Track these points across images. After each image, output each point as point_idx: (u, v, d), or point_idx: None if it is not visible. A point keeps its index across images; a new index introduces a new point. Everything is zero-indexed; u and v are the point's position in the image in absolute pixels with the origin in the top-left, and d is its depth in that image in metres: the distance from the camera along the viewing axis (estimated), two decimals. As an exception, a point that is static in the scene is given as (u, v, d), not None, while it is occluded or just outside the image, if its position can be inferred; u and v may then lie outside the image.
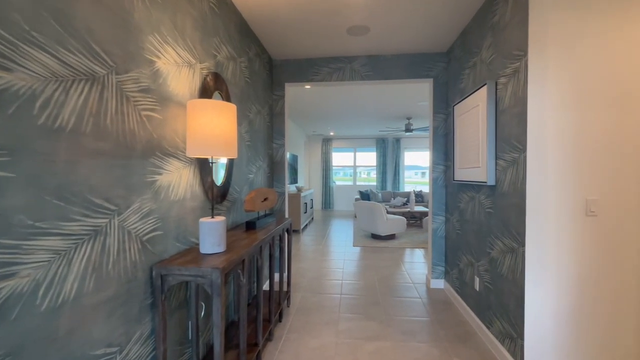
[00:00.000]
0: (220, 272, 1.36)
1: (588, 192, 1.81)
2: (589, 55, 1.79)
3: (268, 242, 2.16)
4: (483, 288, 2.34)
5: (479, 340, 2.29)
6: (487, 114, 2.17)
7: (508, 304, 1.98)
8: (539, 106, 1.77)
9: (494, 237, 2.16)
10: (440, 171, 3.33)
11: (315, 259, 4.47)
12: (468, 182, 2.54)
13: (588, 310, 1.82)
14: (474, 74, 2.52)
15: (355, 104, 6.04)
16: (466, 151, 2.56)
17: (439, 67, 3.31)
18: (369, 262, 4.35)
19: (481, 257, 2.38)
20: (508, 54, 1.98)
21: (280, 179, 3.56)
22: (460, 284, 2.82)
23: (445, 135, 3.30)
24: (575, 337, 1.84)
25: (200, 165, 1.85)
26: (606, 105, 1.78)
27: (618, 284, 1.81)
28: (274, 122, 3.56)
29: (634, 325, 1.80)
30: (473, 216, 2.53)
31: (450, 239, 3.14)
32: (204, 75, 1.92)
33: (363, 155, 10.92)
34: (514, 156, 1.92)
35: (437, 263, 3.35)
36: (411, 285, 3.45)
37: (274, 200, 2.69)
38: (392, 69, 3.36)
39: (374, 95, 5.40)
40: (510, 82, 1.96)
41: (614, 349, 1.81)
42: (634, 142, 1.77)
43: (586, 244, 1.82)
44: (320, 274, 3.80)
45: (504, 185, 2.04)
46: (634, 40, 1.76)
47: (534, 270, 1.79)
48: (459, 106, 2.75)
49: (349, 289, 3.30)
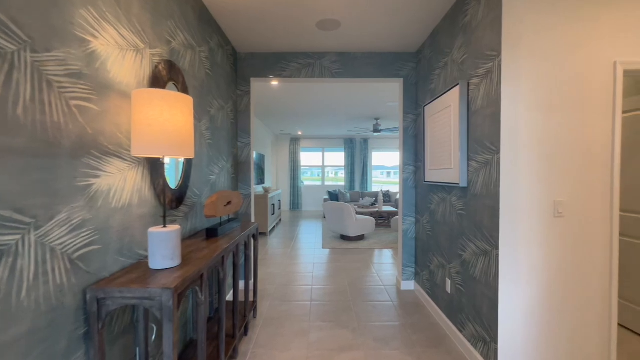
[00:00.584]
0: (172, 292, 1.16)
1: (556, 193, 1.82)
2: (558, 58, 1.81)
3: (232, 250, 1.95)
4: (455, 290, 2.32)
5: (452, 344, 2.26)
6: (459, 114, 2.14)
7: (481, 307, 1.95)
8: (512, 107, 1.75)
9: (466, 239, 2.14)
10: (410, 172, 3.31)
11: (283, 264, 4.29)
12: (439, 184, 2.51)
13: (557, 309, 1.84)
14: (445, 74, 2.50)
15: (324, 103, 5.93)
16: (438, 152, 2.54)
17: (409, 67, 3.28)
18: (339, 264, 4.26)
19: (453, 259, 2.36)
20: (480, 54, 1.95)
21: (246, 180, 3.34)
22: (431, 286, 2.81)
23: (415, 136, 3.29)
24: (545, 337, 1.85)
25: (150, 166, 1.61)
26: (572, 108, 1.81)
27: (583, 282, 1.84)
28: (238, 120, 3.32)
29: (597, 321, 1.84)
30: (444, 218, 2.51)
31: (420, 240, 3.13)
32: (155, 63, 1.67)
33: (331, 155, 10.88)
34: (487, 158, 1.89)
35: (408, 264, 3.33)
36: (382, 287, 3.39)
37: (239, 203, 2.48)
38: (362, 68, 3.28)
39: (343, 95, 5.33)
40: (483, 82, 1.93)
41: (580, 345, 1.85)
42: (598, 145, 1.82)
43: (555, 244, 1.83)
44: (290, 280, 3.63)
45: (476, 187, 2.01)
46: (599, 46, 1.80)
47: (508, 273, 1.77)
48: (429, 107, 2.73)
49: (319, 295, 3.17)
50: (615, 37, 1.80)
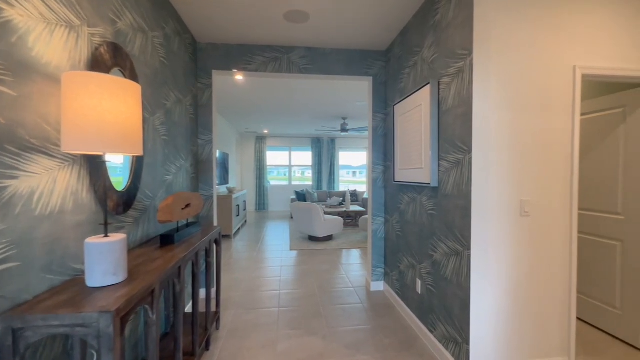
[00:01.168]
0: (112, 317, 0.96)
1: (522, 193, 1.86)
2: (525, 60, 1.84)
3: (190, 259, 1.75)
4: (426, 291, 2.30)
5: (423, 345, 2.24)
6: (430, 114, 2.11)
7: (452, 308, 1.94)
8: (483, 107, 1.74)
9: (437, 239, 2.12)
10: (379, 172, 3.28)
11: (249, 268, 4.08)
12: (409, 184, 2.49)
13: (523, 305, 1.88)
14: (415, 73, 2.48)
15: (291, 101, 5.78)
16: (408, 152, 2.51)
17: (378, 66, 3.25)
18: (307, 267, 4.14)
19: (423, 260, 2.34)
20: (451, 53, 1.94)
21: (207, 180, 3.10)
22: (401, 287, 2.79)
23: (384, 135, 3.26)
24: (513, 333, 1.88)
25: (89, 165, 1.37)
26: (537, 109, 1.85)
27: (547, 279, 1.90)
28: (199, 115, 3.07)
29: (559, 314, 1.91)
30: (414, 218, 2.49)
31: (390, 240, 3.11)
32: (96, 45, 1.43)
33: (299, 155, 10.73)
34: (458, 157, 1.88)
35: (377, 265, 3.30)
36: (352, 289, 3.33)
37: (199, 206, 2.26)
38: (332, 64, 3.19)
39: (311, 92, 5.21)
40: (454, 82, 1.92)
41: (544, 339, 1.90)
42: (559, 145, 1.88)
43: (521, 243, 1.87)
44: (256, 285, 3.44)
45: (447, 186, 2.00)
46: (561, 50, 1.86)
47: (479, 273, 1.76)
48: (399, 106, 2.70)
49: (288, 301, 3.02)
50: (575, 42, 1.87)
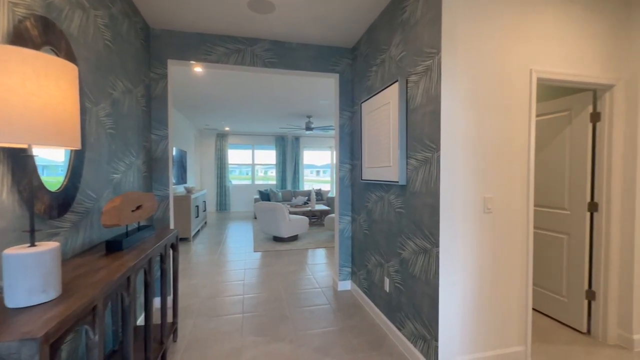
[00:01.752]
0: (38, 345, 0.78)
1: (485, 190, 1.92)
2: (487, 61, 1.89)
3: (143, 266, 1.56)
4: (394, 289, 2.31)
5: (392, 344, 2.24)
6: (398, 111, 2.11)
7: (421, 305, 1.95)
8: (451, 106, 1.76)
9: (406, 237, 2.13)
10: (346, 170, 3.25)
11: (210, 273, 3.84)
12: (377, 182, 2.48)
13: (487, 299, 1.94)
14: (383, 71, 2.47)
15: (254, 97, 5.57)
16: (375, 150, 2.50)
17: (345, 63, 3.22)
18: (272, 268, 4.00)
19: (391, 258, 2.34)
20: (419, 51, 1.94)
21: (162, 179, 2.84)
22: (369, 285, 2.78)
23: (351, 133, 3.24)
24: (478, 326, 1.93)
25: (11, 160, 1.14)
26: (499, 109, 1.92)
27: (508, 272, 1.98)
28: (152, 108, 2.80)
29: (518, 305, 2.00)
30: (382, 216, 2.49)
31: (357, 239, 3.09)
32: (19, 17, 1.20)
33: (262, 153, 10.47)
34: (426, 155, 1.89)
35: (344, 264, 3.27)
36: (319, 290, 3.27)
37: (153, 207, 2.04)
38: (298, 60, 3.09)
39: (275, 89, 5.06)
40: (422, 80, 1.92)
41: (505, 329, 1.98)
42: (518, 145, 1.96)
43: (485, 239, 1.93)
44: (218, 291, 3.24)
45: (415, 184, 2.00)
46: (520, 53, 1.95)
47: (447, 271, 1.78)
48: (367, 104, 2.68)
49: (252, 305, 2.88)
50: (531, 47, 1.97)
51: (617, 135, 2.17)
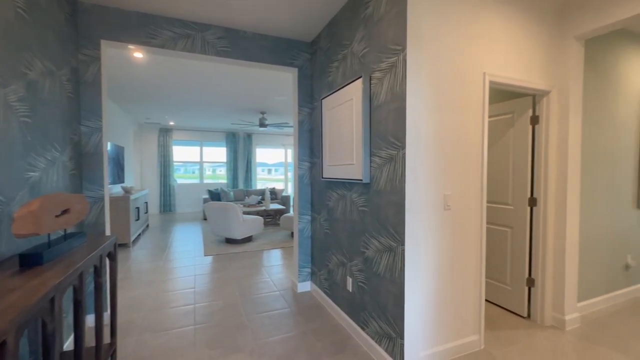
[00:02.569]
0: None
1: (445, 188, 1.97)
2: (448, 61, 1.94)
3: (71, 282, 1.29)
4: (357, 289, 2.28)
5: (356, 344, 2.20)
6: (362, 108, 2.07)
7: (386, 303, 1.94)
8: (416, 103, 1.76)
9: (370, 236, 2.10)
10: (305, 168, 3.15)
11: (155, 281, 3.47)
12: (339, 180, 2.43)
13: (447, 292, 2.00)
14: (345, 67, 2.42)
15: (204, 90, 5.19)
16: (338, 147, 2.44)
17: (303, 58, 3.11)
18: (226, 273, 3.75)
19: (354, 257, 2.31)
20: (384, 48, 1.92)
21: (95, 178, 2.46)
22: (330, 285, 2.72)
23: (310, 130, 3.15)
24: (439, 320, 1.98)
25: None
26: (457, 109, 1.98)
27: (464, 265, 2.06)
28: (82, 95, 2.41)
29: (472, 296, 2.10)
30: (344, 215, 2.45)
31: (317, 239, 3.02)
32: None
33: (211, 150, 9.89)
34: (391, 153, 1.87)
35: (304, 265, 3.18)
36: (277, 293, 3.13)
37: (83, 210, 1.73)
38: (254, 50, 2.91)
39: (227, 82, 4.76)
40: (386, 77, 1.90)
41: (462, 320, 2.07)
42: (473, 144, 2.05)
43: (445, 235, 1.98)
44: (164, 301, 2.92)
45: (379, 182, 1.98)
46: (475, 56, 2.03)
47: (413, 268, 1.79)
48: (327, 100, 2.61)
49: (205, 315, 2.64)
50: (484, 51, 2.07)
51: (552, 137, 2.40)
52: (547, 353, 2.08)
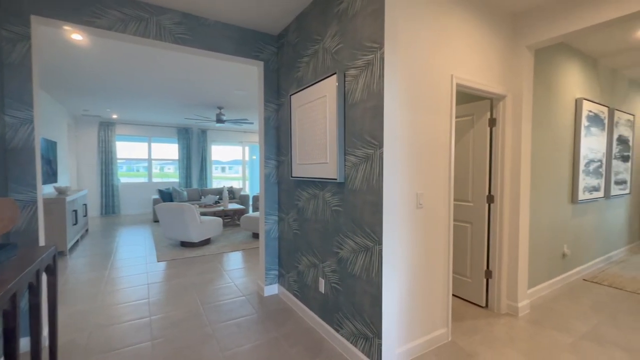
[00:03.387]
0: None
1: (418, 187, 2.01)
2: (421, 62, 1.97)
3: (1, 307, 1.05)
4: (330, 290, 2.23)
5: (331, 347, 2.16)
6: (336, 106, 2.02)
7: (362, 304, 1.92)
8: (392, 103, 1.76)
9: (344, 236, 2.07)
10: (272, 167, 3.03)
11: (99, 294, 3.08)
12: (310, 179, 2.36)
13: (419, 288, 2.04)
14: (316, 62, 2.35)
15: (155, 80, 4.75)
16: (309, 146, 2.37)
17: (270, 51, 2.98)
18: (184, 279, 3.47)
19: (327, 258, 2.26)
20: (359, 45, 1.89)
21: (24, 178, 2.09)
22: (300, 288, 2.65)
23: (277, 127, 3.03)
24: (412, 315, 2.02)
25: None
26: (428, 109, 2.03)
27: (434, 261, 2.13)
28: (6, 79, 2.02)
29: (441, 291, 2.18)
30: (316, 215, 2.38)
31: (285, 240, 2.92)
32: None
33: (161, 147, 9.16)
34: (367, 152, 1.85)
35: (271, 267, 3.06)
36: (243, 298, 2.97)
37: (13, 217, 1.45)
38: (216, 40, 2.70)
39: (182, 73, 4.40)
40: (362, 74, 1.87)
41: (431, 314, 2.13)
42: (442, 144, 2.12)
43: (417, 233, 2.02)
44: (113, 316, 2.60)
45: (355, 182, 1.96)
46: (444, 58, 2.09)
47: (390, 267, 1.79)
48: (297, 96, 2.52)
49: (164, 328, 2.40)
50: (452, 54, 2.15)
51: (507, 139, 2.58)
52: (505, 339, 2.24)
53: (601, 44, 3.20)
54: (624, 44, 3.18)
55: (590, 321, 2.51)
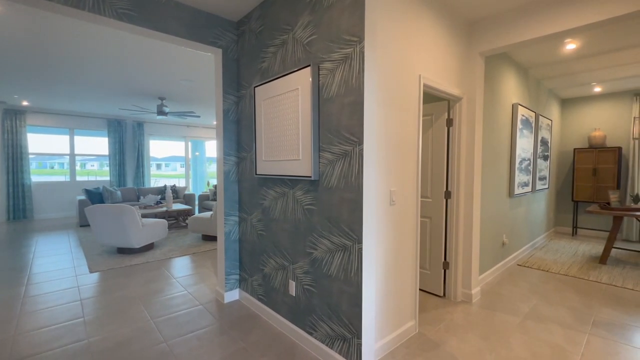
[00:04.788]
0: None
1: (390, 184, 2.02)
2: (395, 60, 1.98)
3: None
4: (302, 292, 2.14)
5: (304, 351, 2.07)
6: (310, 100, 1.93)
7: (339, 304, 1.87)
8: (370, 99, 1.73)
9: (318, 235, 1.99)
10: (232, 164, 2.81)
11: (16, 318, 2.54)
12: (278, 177, 2.23)
13: (392, 283, 2.07)
14: (284, 53, 2.22)
15: (82, 63, 4.09)
16: (278, 141, 2.23)
17: (229, 38, 2.75)
18: (127, 291, 3.06)
19: (298, 259, 2.16)
20: (336, 37, 1.82)
21: None
22: (267, 292, 2.50)
23: (237, 121, 2.81)
24: (384, 312, 2.03)
25: None
26: (400, 107, 2.05)
27: (405, 257, 2.17)
28: None
29: (410, 284, 2.24)
30: (285, 214, 2.27)
31: (248, 242, 2.73)
32: None
33: (87, 141, 8.02)
34: (345, 149, 1.80)
35: (231, 272, 2.84)
36: (200, 307, 2.71)
37: None
38: (168, 21, 2.39)
39: (118, 56, 3.86)
40: (339, 68, 1.81)
41: (401, 308, 2.18)
42: (410, 141, 2.17)
43: (390, 229, 2.04)
44: (38, 343, 2.16)
45: (331, 179, 1.89)
46: (413, 59, 2.14)
47: (368, 265, 1.76)
48: (263, 88, 2.36)
49: (107, 351, 2.06)
50: (419, 55, 2.20)
51: (463, 138, 2.76)
52: (465, 325, 2.39)
53: (531, 56, 3.62)
54: (549, 57, 3.65)
55: (530, 302, 2.82)
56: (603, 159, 5.11)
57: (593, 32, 3.00)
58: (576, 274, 3.50)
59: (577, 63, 3.80)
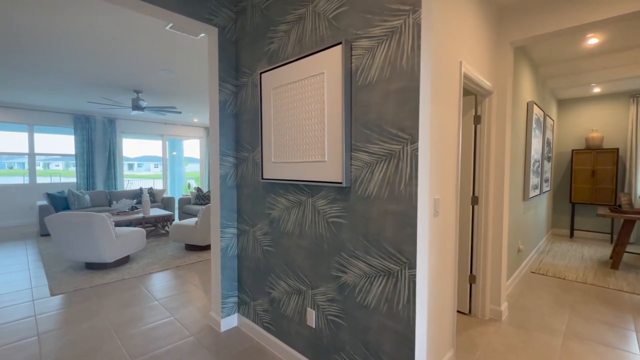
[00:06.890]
0: None
1: (435, 191, 1.67)
2: (441, 42, 1.63)
3: None
4: (325, 324, 1.75)
5: (332, 399, 1.68)
6: (343, 87, 1.54)
7: (380, 343, 1.50)
8: (426, 85, 1.36)
9: (349, 256, 1.61)
10: (230, 165, 2.36)
11: (-52, 363, 1.96)
12: (292, 182, 1.82)
13: (435, 307, 1.72)
14: (301, 31, 1.82)
15: (43, 48, 3.46)
16: (292, 139, 1.83)
17: (226, 16, 2.30)
18: (98, 320, 2.52)
19: (321, 283, 1.77)
20: (377, 6, 1.44)
21: None
22: (275, 319, 2.09)
23: (236, 115, 2.37)
24: (428, 343, 1.68)
25: None
26: (444, 99, 1.71)
27: (446, 272, 1.84)
28: None
29: (449, 305, 1.90)
30: (301, 228, 1.86)
31: (249, 259, 2.30)
32: None
33: (49, 138, 7.17)
34: (389, 148, 1.43)
35: (229, 294, 2.40)
36: (192, 339, 2.25)
37: None
38: (152, -13, 1.92)
39: (88, 41, 3.28)
40: (380, 46, 1.44)
41: (442, 333, 1.84)
42: (451, 140, 1.83)
43: (434, 246, 1.69)
44: (-25, 405, 1.62)
45: (368, 186, 1.51)
46: (454, 45, 1.80)
47: (421, 296, 1.40)
48: (272, 74, 1.95)
49: (73, 413, 1.57)
50: (460, 37, 1.87)
51: (492, 138, 2.47)
52: (506, 350, 2.09)
53: (546, 52, 3.42)
54: (562, 54, 3.46)
55: (562, 317, 2.58)
56: (602, 161, 5.07)
57: (619, 26, 2.81)
58: (594, 282, 3.33)
59: (585, 62, 3.66)
